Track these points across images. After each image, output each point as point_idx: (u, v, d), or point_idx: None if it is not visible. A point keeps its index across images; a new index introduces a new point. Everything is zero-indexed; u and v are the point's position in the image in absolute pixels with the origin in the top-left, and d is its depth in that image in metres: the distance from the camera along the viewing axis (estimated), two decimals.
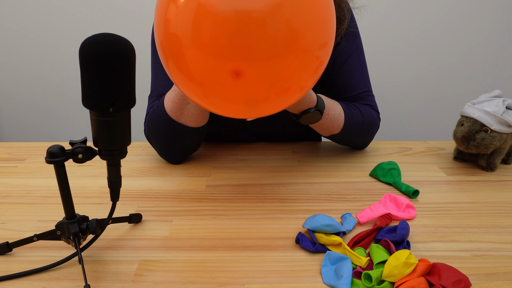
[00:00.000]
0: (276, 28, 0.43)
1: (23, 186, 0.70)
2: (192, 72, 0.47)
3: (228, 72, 0.45)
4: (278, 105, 0.51)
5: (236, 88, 0.46)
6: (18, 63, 1.69)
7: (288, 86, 0.48)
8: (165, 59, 0.50)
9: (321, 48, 0.48)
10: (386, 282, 0.46)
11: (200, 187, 0.70)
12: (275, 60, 0.45)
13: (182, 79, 0.49)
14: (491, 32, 1.67)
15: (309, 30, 0.46)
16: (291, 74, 0.47)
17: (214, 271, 0.49)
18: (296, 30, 0.44)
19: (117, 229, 0.58)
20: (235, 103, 0.49)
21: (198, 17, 0.43)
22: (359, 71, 0.81)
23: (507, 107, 0.73)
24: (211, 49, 0.44)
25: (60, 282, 0.47)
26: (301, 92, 0.51)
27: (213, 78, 0.46)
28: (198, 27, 0.44)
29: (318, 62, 0.49)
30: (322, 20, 0.47)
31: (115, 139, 0.45)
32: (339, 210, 0.63)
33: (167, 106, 0.70)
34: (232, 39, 0.43)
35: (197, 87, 0.48)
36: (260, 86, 0.47)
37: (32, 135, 1.82)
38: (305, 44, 0.46)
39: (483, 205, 0.65)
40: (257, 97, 0.48)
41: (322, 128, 0.75)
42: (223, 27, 0.43)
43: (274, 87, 0.47)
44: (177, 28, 0.45)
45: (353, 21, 0.80)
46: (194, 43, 0.45)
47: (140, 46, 1.52)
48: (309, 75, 0.49)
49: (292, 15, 0.44)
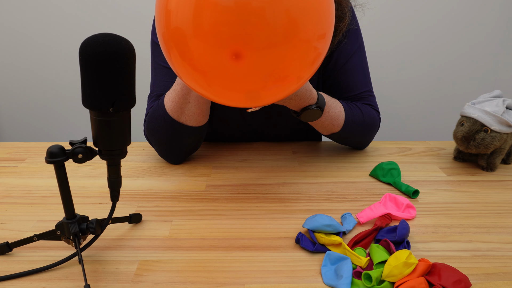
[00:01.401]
0: (275, 17, 0.44)
1: (23, 186, 0.70)
2: (195, 61, 0.48)
3: (228, 55, 0.46)
4: (276, 93, 0.52)
5: (237, 74, 0.48)
6: (18, 63, 1.69)
7: (286, 75, 0.49)
8: (168, 51, 0.51)
9: (320, 39, 0.49)
10: (386, 282, 0.46)
11: (200, 187, 0.70)
12: (273, 49, 0.46)
13: (185, 69, 0.50)
14: (491, 32, 1.67)
15: (308, 20, 0.47)
16: (288, 63, 0.48)
17: (214, 271, 0.49)
18: (295, 20, 0.45)
19: (117, 229, 0.58)
20: (236, 90, 0.50)
21: (199, 6, 0.44)
22: (360, 71, 0.81)
23: (507, 107, 0.73)
24: (212, 38, 0.45)
25: (60, 282, 0.47)
26: (298, 82, 0.53)
27: (215, 65, 0.47)
28: (199, 16, 0.45)
29: (316, 53, 0.50)
30: (321, 11, 0.48)
31: (115, 139, 0.45)
32: (339, 210, 0.63)
33: (167, 106, 0.70)
34: (232, 27, 0.44)
35: (200, 76, 0.50)
36: (259, 73, 0.48)
37: (32, 135, 1.82)
38: (304, 34, 0.47)
39: (483, 205, 0.65)
40: (256, 84, 0.49)
41: (322, 126, 0.75)
42: (223, 16, 0.44)
43: (272, 75, 0.48)
44: (178, 19, 0.46)
45: (354, 18, 0.80)
46: (196, 33, 0.46)
47: (140, 46, 1.52)
48: (307, 65, 0.50)
49: (292, 5, 0.44)
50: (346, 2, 0.75)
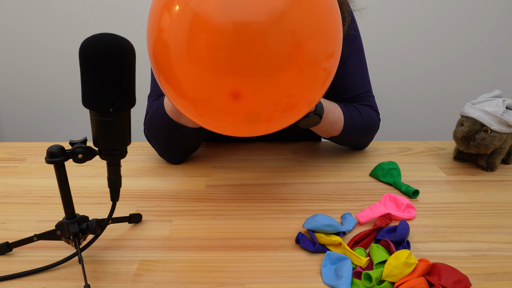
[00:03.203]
0: (278, 40, 0.39)
1: (23, 186, 0.70)
2: (185, 87, 0.43)
3: (225, 93, 0.41)
4: (283, 123, 0.47)
5: (235, 108, 0.43)
6: (18, 63, 1.69)
7: (295, 102, 0.44)
8: (157, 71, 0.47)
9: (328, 59, 0.44)
10: (386, 282, 0.46)
11: (200, 187, 0.70)
12: (278, 75, 0.41)
13: (172, 94, 0.46)
14: (491, 32, 1.67)
15: (315, 41, 0.42)
16: (297, 89, 0.43)
17: (214, 271, 0.49)
18: (300, 42, 0.41)
19: (117, 229, 0.58)
20: (234, 123, 0.45)
21: (194, 27, 0.40)
22: (359, 72, 0.81)
23: (507, 107, 0.73)
24: (207, 64, 0.40)
25: (60, 282, 0.47)
26: (309, 107, 0.47)
27: (208, 95, 0.42)
28: (193, 38, 0.40)
29: (325, 73, 0.45)
30: (328, 29, 0.43)
31: (115, 139, 0.45)
32: (339, 210, 0.63)
33: (167, 107, 0.70)
34: (230, 52, 0.39)
35: (189, 104, 0.45)
36: (263, 106, 0.43)
37: (32, 135, 1.82)
38: (311, 56, 0.42)
39: (483, 205, 0.65)
40: (259, 117, 0.44)
41: (321, 131, 0.75)
42: (221, 40, 0.39)
43: (279, 105, 0.43)
44: (171, 39, 0.42)
45: (353, 23, 0.80)
46: (189, 56, 0.41)
47: (140, 46, 1.52)
48: (317, 88, 0.45)
49: (296, 25, 0.40)
50: (346, 6, 0.75)
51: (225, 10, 0.39)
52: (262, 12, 0.39)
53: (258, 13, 0.39)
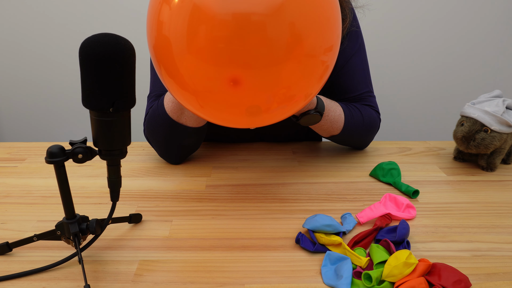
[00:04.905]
0: (278, 32, 0.40)
1: (23, 186, 0.70)
2: (186, 79, 0.44)
3: (225, 80, 0.41)
4: (281, 114, 0.48)
5: (235, 98, 0.44)
6: (18, 63, 1.69)
7: (292, 94, 0.45)
8: (158, 64, 0.47)
9: (327, 52, 0.45)
10: (386, 282, 0.46)
11: (200, 187, 0.70)
12: (277, 67, 0.41)
13: (174, 86, 0.46)
14: (491, 32, 1.67)
15: (314, 33, 0.42)
16: (294, 81, 0.44)
17: (214, 271, 0.49)
18: (299, 34, 0.41)
19: (117, 229, 0.58)
20: (235, 113, 0.46)
21: (193, 19, 0.40)
22: (360, 72, 0.81)
23: (507, 107, 0.73)
24: (207, 55, 0.41)
25: (60, 282, 0.47)
26: (306, 100, 0.48)
27: (209, 86, 0.43)
28: (193, 30, 0.41)
29: (323, 67, 0.46)
30: (327, 22, 0.44)
31: (115, 139, 0.45)
32: (339, 210, 0.63)
33: (167, 107, 0.70)
34: (229, 44, 0.40)
35: (191, 95, 0.45)
36: (261, 95, 0.43)
37: (32, 135, 1.82)
38: (310, 48, 0.42)
39: (483, 205, 0.65)
40: (258, 107, 0.45)
41: (322, 129, 0.75)
42: (220, 31, 0.40)
43: (277, 96, 0.44)
44: (170, 32, 0.42)
45: (355, 20, 0.80)
46: (189, 48, 0.42)
47: (140, 46, 1.52)
48: (315, 81, 0.46)
49: (295, 17, 0.40)
50: (347, 3, 0.75)
51: (224, 1, 0.40)
52: (261, 4, 0.39)
53: (258, 4, 0.39)
